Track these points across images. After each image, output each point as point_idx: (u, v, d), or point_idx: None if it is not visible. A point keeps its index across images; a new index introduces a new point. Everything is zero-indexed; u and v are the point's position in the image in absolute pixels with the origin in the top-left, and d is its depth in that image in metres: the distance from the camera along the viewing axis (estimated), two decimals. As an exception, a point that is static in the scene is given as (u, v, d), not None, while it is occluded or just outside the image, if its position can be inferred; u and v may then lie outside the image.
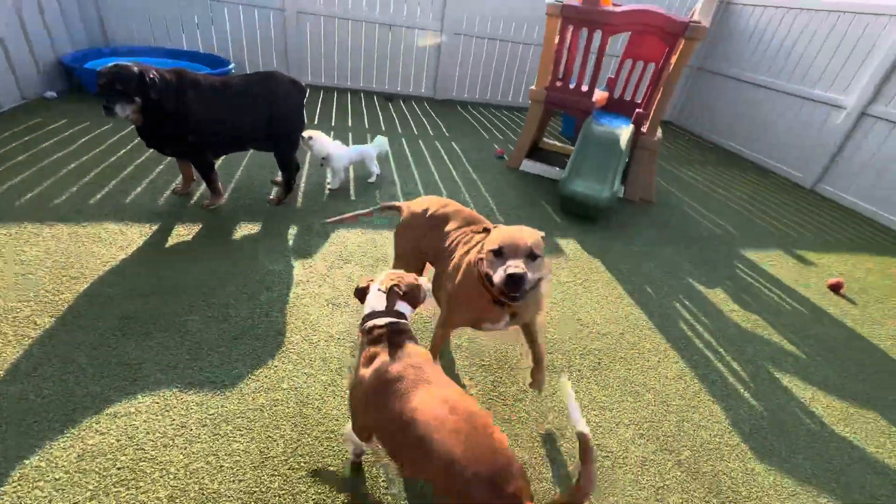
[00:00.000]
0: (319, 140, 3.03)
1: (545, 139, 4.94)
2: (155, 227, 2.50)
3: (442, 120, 5.58)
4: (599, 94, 4.14)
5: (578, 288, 2.63)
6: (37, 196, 2.61)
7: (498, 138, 5.22)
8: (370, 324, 1.30)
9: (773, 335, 2.54)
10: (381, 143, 3.44)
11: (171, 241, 2.42)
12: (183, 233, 2.50)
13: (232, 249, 2.43)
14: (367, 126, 4.86)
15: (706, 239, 3.55)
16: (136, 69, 2.19)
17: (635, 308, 2.54)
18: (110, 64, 2.20)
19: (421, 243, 1.77)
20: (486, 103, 6.82)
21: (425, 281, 1.45)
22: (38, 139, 3.32)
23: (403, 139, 4.63)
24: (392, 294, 1.31)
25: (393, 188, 3.48)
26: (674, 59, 3.48)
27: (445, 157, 4.34)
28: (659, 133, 3.82)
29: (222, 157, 3.46)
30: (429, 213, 1.76)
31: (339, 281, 2.33)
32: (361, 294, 1.41)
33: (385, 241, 2.75)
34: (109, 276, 2.09)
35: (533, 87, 3.97)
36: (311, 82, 6.13)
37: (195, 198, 2.88)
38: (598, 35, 3.71)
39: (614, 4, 3.73)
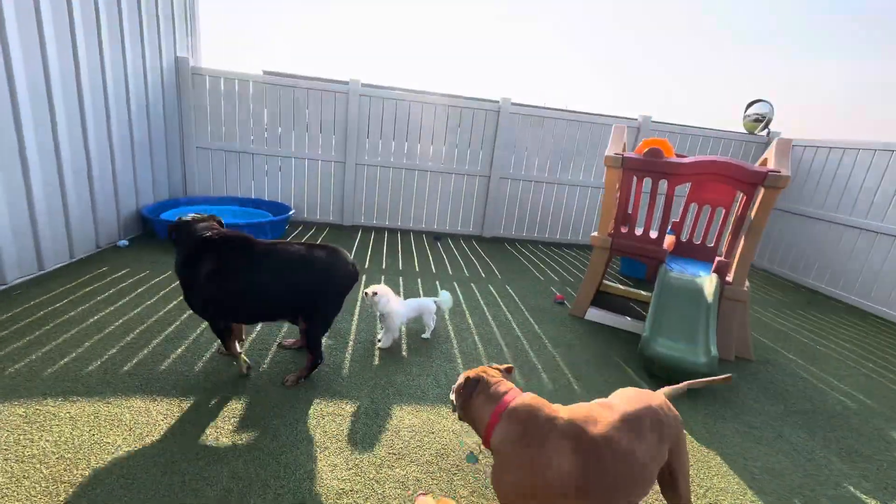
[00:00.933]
0: (385, 296, 2.80)
1: (606, 281, 4.60)
2: (185, 406, 2.17)
3: (491, 259, 5.44)
4: (667, 239, 3.87)
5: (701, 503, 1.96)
6: (71, 361, 2.41)
7: (553, 279, 4.93)
8: None
9: None
10: (446, 298, 3.18)
11: (197, 423, 2.06)
12: (213, 411, 2.15)
13: (265, 438, 2.02)
14: (416, 268, 4.75)
15: (841, 416, 2.81)
16: (178, 218, 2.35)
17: (795, 543, 1.81)
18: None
19: None
20: (534, 240, 6.75)
21: None
22: (96, 291, 3.31)
23: (455, 283, 4.42)
24: None
25: (448, 345, 3.11)
26: (756, 208, 3.21)
27: (501, 302, 4.03)
28: (747, 283, 3.38)
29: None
30: None
31: (390, 489, 1.81)
32: None
33: (445, 423, 2.27)
34: (113, 485, 1.70)
35: (595, 234, 3.77)
36: (363, 223, 6.36)
37: (245, 361, 2.60)
38: (663, 183, 3.58)
39: (677, 155, 3.67)
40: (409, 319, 3.07)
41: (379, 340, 2.96)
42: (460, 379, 1.41)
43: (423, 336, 3.13)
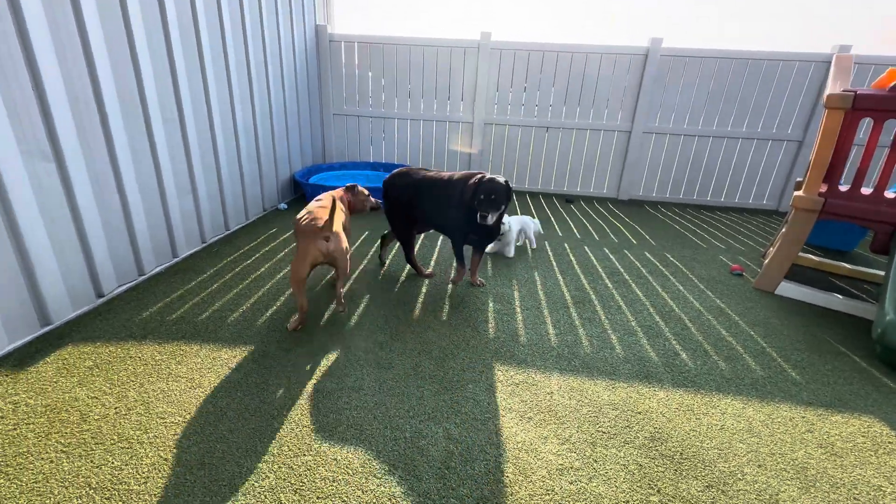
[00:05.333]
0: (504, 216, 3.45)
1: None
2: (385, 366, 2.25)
3: (635, 223, 4.92)
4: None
5: None
6: (274, 314, 2.64)
7: (717, 247, 4.30)
8: None
9: None
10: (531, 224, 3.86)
11: (396, 384, 2.10)
12: (409, 372, 2.19)
13: (467, 403, 2.00)
14: (559, 232, 4.47)
15: None
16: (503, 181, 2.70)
17: None
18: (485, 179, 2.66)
19: None
20: (680, 203, 6.00)
21: None
22: (274, 250, 3.63)
23: (606, 248, 4.06)
24: None
25: (622, 317, 2.84)
26: None
27: (665, 271, 3.60)
28: None
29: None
30: None
31: (613, 471, 1.67)
32: None
33: (649, 403, 2.05)
34: (363, 417, 1.79)
35: (800, 194, 3.11)
36: (489, 186, 6.18)
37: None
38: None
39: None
40: (518, 232, 3.74)
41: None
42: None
43: (532, 247, 3.91)
